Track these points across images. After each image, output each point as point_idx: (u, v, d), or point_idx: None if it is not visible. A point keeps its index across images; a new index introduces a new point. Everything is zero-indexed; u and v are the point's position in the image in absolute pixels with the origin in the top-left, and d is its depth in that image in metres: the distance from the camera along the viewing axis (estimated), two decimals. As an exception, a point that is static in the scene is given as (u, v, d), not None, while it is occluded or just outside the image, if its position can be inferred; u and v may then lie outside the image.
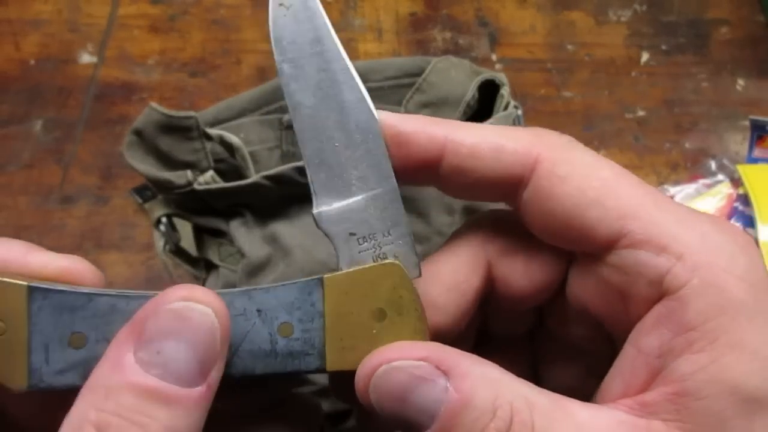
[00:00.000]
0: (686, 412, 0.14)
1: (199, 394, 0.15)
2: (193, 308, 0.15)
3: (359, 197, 0.19)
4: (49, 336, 0.17)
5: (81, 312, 0.17)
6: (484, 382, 0.15)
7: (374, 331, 0.18)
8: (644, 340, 0.16)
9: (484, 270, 0.18)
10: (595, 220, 0.16)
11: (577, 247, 0.18)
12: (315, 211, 0.20)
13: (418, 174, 0.18)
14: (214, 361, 0.16)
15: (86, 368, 0.16)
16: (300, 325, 0.18)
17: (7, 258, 0.19)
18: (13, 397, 0.18)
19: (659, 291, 0.16)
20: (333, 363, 0.18)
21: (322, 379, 0.41)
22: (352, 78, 0.19)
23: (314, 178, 0.20)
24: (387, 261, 0.19)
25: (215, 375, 0.16)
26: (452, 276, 0.18)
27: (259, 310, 0.18)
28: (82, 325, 0.17)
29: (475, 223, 0.19)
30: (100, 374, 0.15)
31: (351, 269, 0.19)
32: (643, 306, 0.16)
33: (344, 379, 0.18)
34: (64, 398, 0.16)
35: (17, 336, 0.17)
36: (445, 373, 0.15)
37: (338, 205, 0.20)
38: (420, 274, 0.19)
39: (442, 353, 0.16)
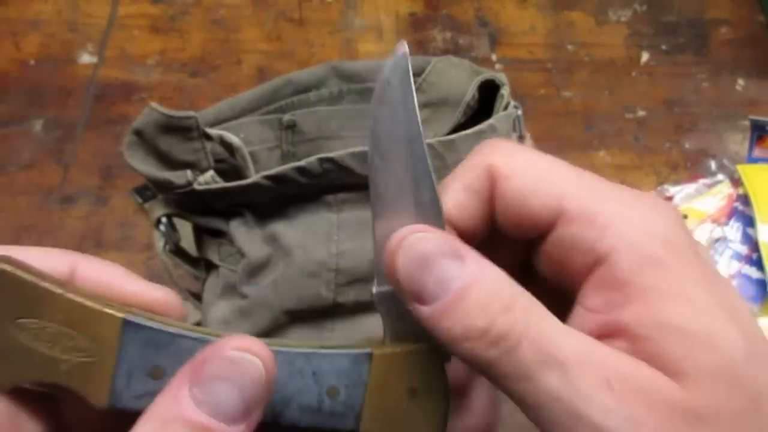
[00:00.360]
0: (636, 349, 0.17)
1: (244, 428, 0.18)
2: (245, 357, 0.18)
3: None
4: (133, 365, 0.20)
5: (165, 349, 0.20)
6: (495, 273, 0.18)
7: (404, 406, 0.21)
8: (588, 301, 0.19)
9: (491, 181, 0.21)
10: (537, 207, 0.19)
11: (532, 233, 0.20)
12: (375, 290, 0.21)
13: None
14: (258, 405, 0.18)
15: None
16: (345, 390, 0.21)
17: (109, 282, 0.21)
18: (87, 414, 0.20)
19: (594, 259, 0.19)
20: (365, 427, 0.21)
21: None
22: (431, 180, 0.21)
23: (379, 260, 0.21)
24: (421, 344, 0.21)
25: (255, 417, 0.18)
26: (467, 179, 0.22)
27: (314, 372, 0.21)
28: (163, 360, 0.20)
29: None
30: (160, 404, 0.18)
31: (397, 349, 0.21)
32: (583, 274, 0.19)
33: None
34: (126, 420, 0.18)
35: (106, 360, 0.20)
36: (461, 259, 0.18)
37: (387, 289, 0.21)
38: (450, 360, 0.21)
39: (463, 245, 0.19)
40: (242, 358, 0.18)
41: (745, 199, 0.59)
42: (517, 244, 0.22)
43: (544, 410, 0.17)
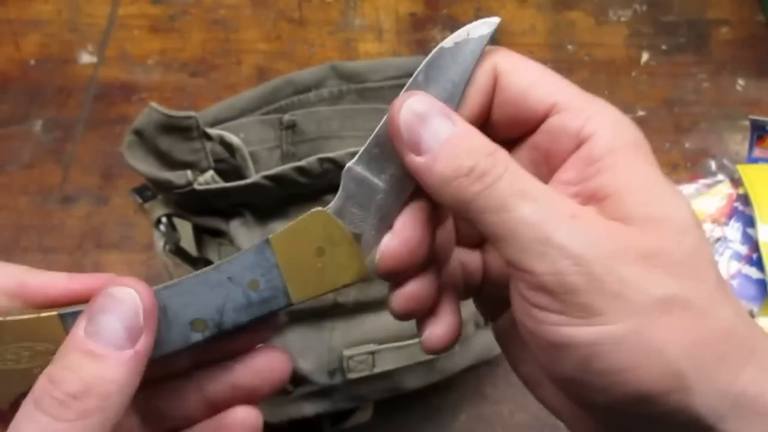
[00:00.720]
0: (600, 207, 0.21)
1: (128, 356, 0.20)
2: (122, 291, 0.21)
3: (381, 185, 0.24)
4: None
5: None
6: (478, 132, 0.21)
7: (319, 265, 0.24)
8: (564, 176, 0.22)
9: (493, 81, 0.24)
10: (535, 98, 0.22)
11: (527, 125, 0.23)
12: (349, 163, 0.24)
13: None
14: (140, 331, 0.21)
15: None
16: (263, 278, 0.24)
17: (54, 285, 0.24)
18: None
19: (577, 141, 0.22)
20: (296, 296, 0.24)
21: (322, 379, 0.41)
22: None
23: (369, 147, 0.24)
24: (312, 210, 0.24)
25: (143, 342, 0.21)
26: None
27: (229, 278, 0.24)
28: None
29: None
30: (63, 344, 0.21)
31: (286, 226, 0.24)
32: (563, 156, 0.22)
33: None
34: None
35: None
36: (453, 119, 0.22)
37: (364, 174, 0.24)
38: (375, 261, 0.24)
39: (451, 110, 0.22)
40: (119, 291, 0.21)
41: (745, 199, 0.59)
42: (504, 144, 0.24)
43: (516, 238, 0.20)
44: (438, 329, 0.25)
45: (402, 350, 0.42)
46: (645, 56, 0.72)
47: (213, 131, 0.42)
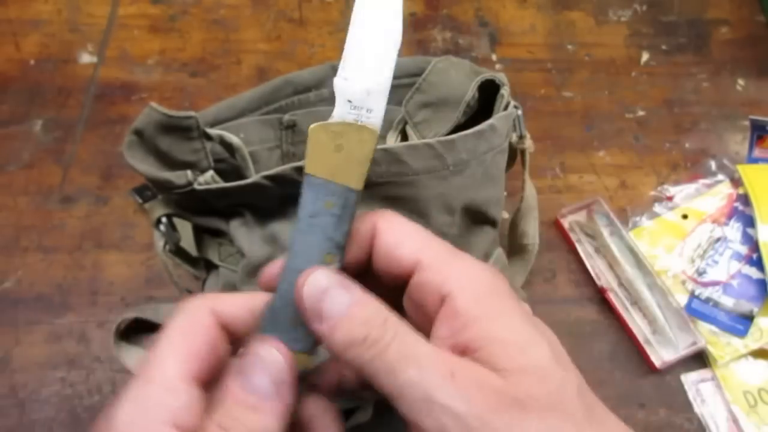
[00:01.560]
0: (475, 358, 0.23)
1: (277, 405, 0.24)
2: (271, 353, 0.25)
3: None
4: None
5: None
6: (372, 299, 0.25)
7: (345, 155, 0.27)
8: (438, 332, 0.25)
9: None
10: (402, 255, 0.26)
11: (398, 278, 0.27)
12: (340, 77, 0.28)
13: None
14: (285, 385, 0.25)
15: None
16: (330, 195, 0.27)
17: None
18: None
19: (440, 298, 0.25)
20: (356, 185, 0.27)
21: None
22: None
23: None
24: (310, 129, 0.27)
25: (286, 396, 0.25)
26: (362, 226, 0.28)
27: (311, 216, 0.27)
28: None
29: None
30: (221, 395, 0.24)
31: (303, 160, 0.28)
32: (435, 311, 0.25)
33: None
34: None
35: None
36: (349, 289, 0.25)
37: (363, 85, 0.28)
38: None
39: (350, 281, 0.25)
40: (265, 355, 0.25)
41: (745, 199, 0.59)
42: (391, 290, 0.28)
43: (405, 397, 0.23)
44: None
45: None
46: (645, 56, 0.72)
47: (213, 131, 0.42)
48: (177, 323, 0.25)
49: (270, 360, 0.25)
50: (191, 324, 0.25)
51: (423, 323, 0.26)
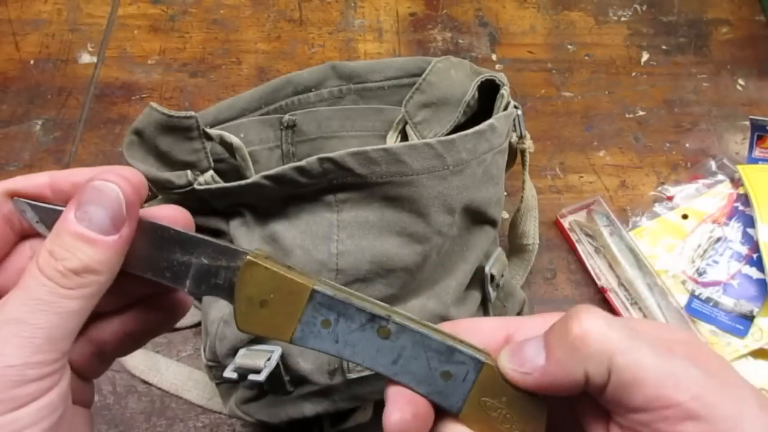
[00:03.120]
0: None
1: (113, 240, 0.23)
2: (107, 185, 0.24)
3: None
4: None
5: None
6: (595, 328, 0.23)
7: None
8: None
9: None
10: (670, 398, 0.22)
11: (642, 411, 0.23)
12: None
13: None
14: (123, 220, 0.24)
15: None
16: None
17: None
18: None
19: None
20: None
21: (322, 379, 0.41)
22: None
23: None
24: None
25: (126, 231, 0.24)
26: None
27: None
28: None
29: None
30: (57, 225, 0.24)
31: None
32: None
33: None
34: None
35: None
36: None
37: None
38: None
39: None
40: (104, 185, 0.24)
41: (745, 199, 0.59)
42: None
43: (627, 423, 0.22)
44: None
45: (402, 350, 0.41)
46: (645, 56, 0.72)
47: (213, 131, 0.42)
48: None
49: (108, 191, 0.24)
50: None
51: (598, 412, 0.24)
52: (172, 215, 0.27)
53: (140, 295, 0.27)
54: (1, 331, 0.22)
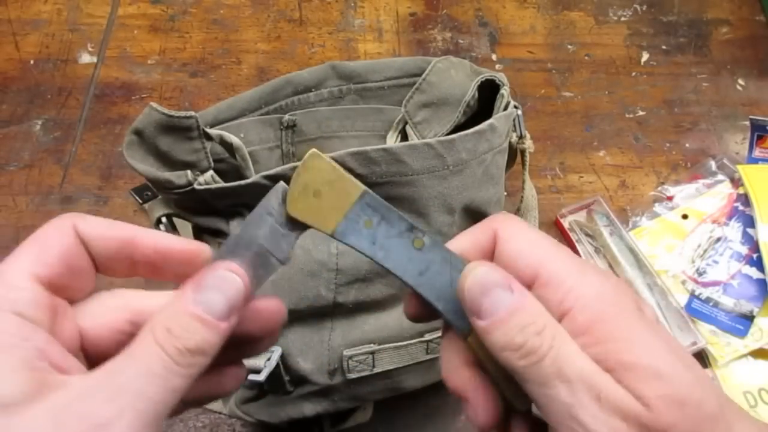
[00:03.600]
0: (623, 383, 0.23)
1: (225, 326, 0.24)
2: (230, 276, 0.25)
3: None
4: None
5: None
6: (534, 303, 0.25)
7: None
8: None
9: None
10: (521, 267, 0.26)
11: (529, 286, 0.26)
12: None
13: None
14: (237, 310, 0.25)
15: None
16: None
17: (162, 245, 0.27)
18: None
19: (558, 315, 0.25)
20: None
21: (322, 379, 0.41)
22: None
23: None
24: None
25: (234, 319, 0.25)
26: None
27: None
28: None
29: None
30: (173, 301, 0.24)
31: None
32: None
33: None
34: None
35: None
36: (512, 290, 0.25)
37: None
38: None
39: (515, 281, 0.25)
40: (229, 276, 0.25)
41: (745, 199, 0.59)
42: None
43: (551, 409, 0.23)
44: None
45: (402, 350, 0.41)
46: (645, 56, 0.72)
47: (213, 131, 0.42)
48: (37, 232, 0.26)
49: (230, 281, 0.25)
50: (48, 234, 0.26)
51: None
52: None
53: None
54: (118, 400, 0.22)
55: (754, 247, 0.57)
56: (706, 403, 0.23)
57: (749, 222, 0.58)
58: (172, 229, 0.44)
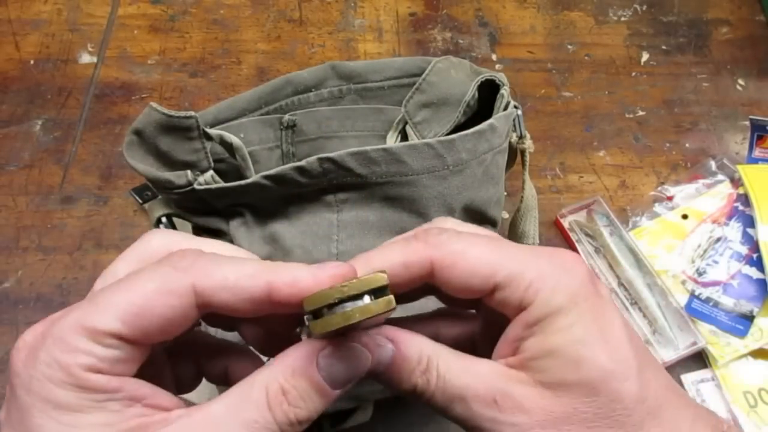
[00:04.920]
0: (526, 368, 0.25)
1: (335, 394, 0.24)
2: (363, 351, 0.25)
3: None
4: None
5: None
6: (412, 345, 0.26)
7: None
8: (509, 332, 0.26)
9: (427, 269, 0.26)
10: (476, 285, 0.25)
11: (477, 299, 0.27)
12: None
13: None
14: (354, 381, 0.25)
15: None
16: None
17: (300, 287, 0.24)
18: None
19: (519, 309, 0.25)
20: None
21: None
22: None
23: None
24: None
25: (348, 388, 0.25)
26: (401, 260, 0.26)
27: None
28: None
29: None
30: (295, 359, 0.24)
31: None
32: (513, 315, 0.26)
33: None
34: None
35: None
36: (392, 341, 0.25)
37: None
38: None
39: (392, 331, 0.26)
40: (360, 351, 0.25)
41: (745, 199, 0.59)
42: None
43: (465, 425, 0.25)
44: None
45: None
46: (645, 56, 0.72)
47: (213, 131, 0.42)
48: (143, 279, 0.22)
49: (363, 361, 0.25)
50: (154, 293, 0.22)
51: (497, 321, 0.27)
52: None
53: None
54: None
55: (754, 247, 0.57)
56: (616, 396, 0.23)
57: (749, 222, 0.58)
58: (172, 229, 0.44)
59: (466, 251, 0.25)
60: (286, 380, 0.23)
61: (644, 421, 0.23)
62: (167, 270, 0.22)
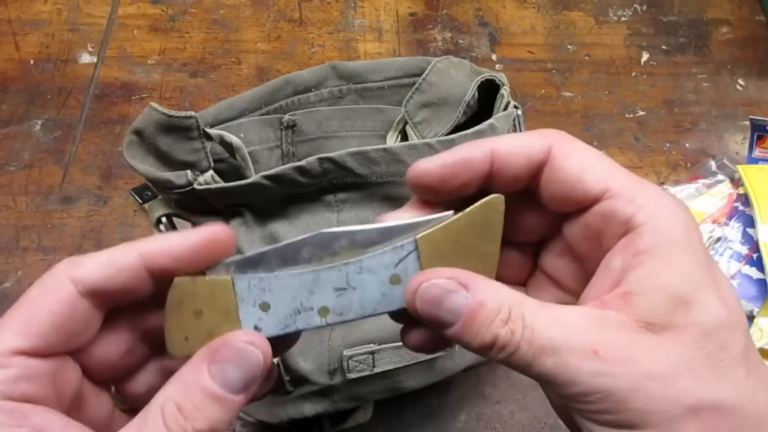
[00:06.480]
0: (630, 305, 0.22)
1: (239, 401, 0.23)
2: (249, 348, 0.23)
3: None
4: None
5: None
6: (492, 292, 0.23)
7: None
8: (611, 261, 0.23)
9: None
10: (589, 182, 0.24)
11: (578, 205, 0.25)
12: None
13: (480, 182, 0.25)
14: (255, 382, 0.23)
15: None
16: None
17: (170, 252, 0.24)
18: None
19: (626, 228, 0.23)
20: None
21: (322, 379, 0.41)
22: None
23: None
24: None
25: (252, 390, 0.24)
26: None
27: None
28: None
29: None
30: (186, 373, 0.23)
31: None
32: (614, 240, 0.24)
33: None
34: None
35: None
36: (466, 287, 0.23)
37: None
38: None
39: (463, 274, 0.23)
40: (247, 348, 0.23)
41: (745, 199, 0.59)
42: (550, 216, 0.26)
43: (552, 384, 0.22)
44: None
45: (402, 350, 0.41)
46: (645, 56, 0.72)
47: (213, 131, 0.42)
48: (27, 294, 0.23)
49: (251, 359, 0.23)
50: (36, 298, 0.23)
51: (590, 250, 0.25)
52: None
53: None
54: None
55: (754, 247, 0.57)
56: (726, 341, 0.21)
57: (749, 222, 0.58)
58: (172, 229, 0.44)
59: (585, 147, 0.24)
60: (180, 395, 0.22)
61: (749, 377, 0.22)
62: (45, 277, 0.23)
